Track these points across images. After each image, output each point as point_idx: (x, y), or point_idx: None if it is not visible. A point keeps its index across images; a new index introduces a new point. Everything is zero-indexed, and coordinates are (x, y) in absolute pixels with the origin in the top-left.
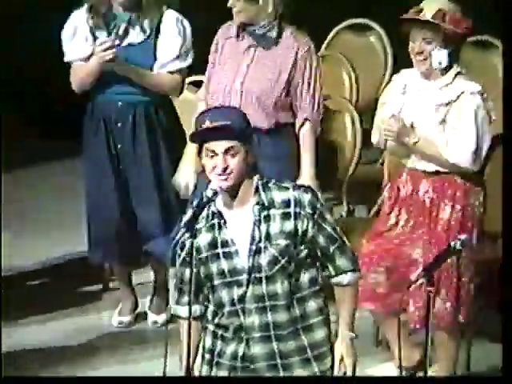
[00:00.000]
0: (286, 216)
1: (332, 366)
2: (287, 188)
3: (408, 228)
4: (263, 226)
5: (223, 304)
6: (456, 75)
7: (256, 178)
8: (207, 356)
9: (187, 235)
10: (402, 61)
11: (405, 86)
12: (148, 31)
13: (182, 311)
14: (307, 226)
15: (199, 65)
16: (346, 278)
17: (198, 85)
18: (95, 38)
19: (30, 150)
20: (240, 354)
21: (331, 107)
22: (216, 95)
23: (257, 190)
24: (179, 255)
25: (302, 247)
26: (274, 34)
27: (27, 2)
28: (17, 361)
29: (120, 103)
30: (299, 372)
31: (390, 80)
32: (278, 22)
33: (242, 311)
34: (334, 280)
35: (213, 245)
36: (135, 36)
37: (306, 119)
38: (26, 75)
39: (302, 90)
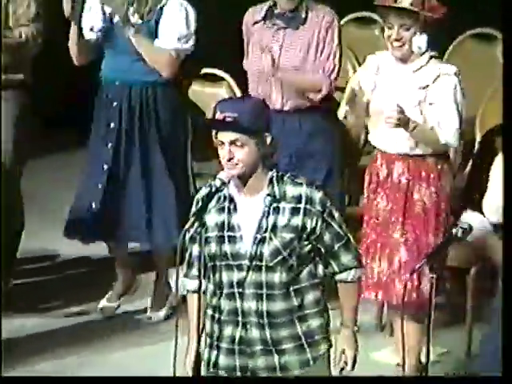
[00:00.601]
0: (295, 211)
1: (326, 353)
2: (301, 184)
3: (387, 211)
4: (271, 218)
5: (222, 286)
6: (430, 58)
7: (272, 171)
8: (208, 339)
9: (196, 224)
10: None
11: (378, 67)
12: (151, 13)
13: (190, 284)
14: (316, 223)
15: (210, 58)
16: (350, 275)
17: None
18: (104, 13)
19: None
20: (237, 337)
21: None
22: (252, 80)
23: (271, 181)
24: (188, 231)
25: (306, 243)
26: (303, 14)
27: None
28: (18, 345)
29: (117, 82)
30: (292, 357)
31: None
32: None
33: (240, 295)
34: (338, 277)
35: (220, 227)
36: (137, 16)
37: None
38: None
39: (321, 53)
